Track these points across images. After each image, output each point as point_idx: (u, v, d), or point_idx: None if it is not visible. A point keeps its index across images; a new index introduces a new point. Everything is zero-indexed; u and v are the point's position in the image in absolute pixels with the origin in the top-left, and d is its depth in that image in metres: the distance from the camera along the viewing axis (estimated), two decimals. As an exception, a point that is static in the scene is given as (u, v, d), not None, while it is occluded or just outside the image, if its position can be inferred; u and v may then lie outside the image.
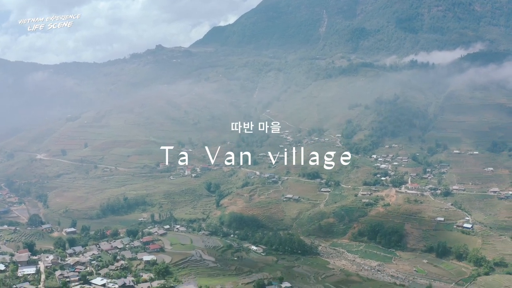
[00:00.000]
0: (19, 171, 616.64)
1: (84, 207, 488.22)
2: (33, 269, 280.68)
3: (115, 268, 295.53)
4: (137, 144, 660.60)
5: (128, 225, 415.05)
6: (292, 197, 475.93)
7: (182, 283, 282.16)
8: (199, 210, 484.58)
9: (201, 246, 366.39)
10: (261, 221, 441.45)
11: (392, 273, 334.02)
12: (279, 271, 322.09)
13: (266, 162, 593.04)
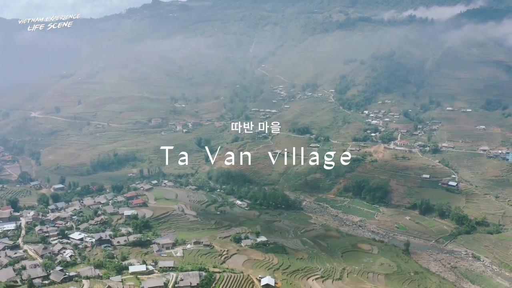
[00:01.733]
0: (14, 130, 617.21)
1: (75, 164, 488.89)
2: (13, 225, 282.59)
3: (94, 223, 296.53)
4: (130, 100, 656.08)
5: (117, 181, 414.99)
6: (280, 152, 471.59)
7: (160, 237, 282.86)
8: (189, 165, 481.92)
9: (185, 201, 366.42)
10: (248, 176, 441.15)
11: (373, 228, 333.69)
12: (259, 225, 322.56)
13: (258, 117, 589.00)
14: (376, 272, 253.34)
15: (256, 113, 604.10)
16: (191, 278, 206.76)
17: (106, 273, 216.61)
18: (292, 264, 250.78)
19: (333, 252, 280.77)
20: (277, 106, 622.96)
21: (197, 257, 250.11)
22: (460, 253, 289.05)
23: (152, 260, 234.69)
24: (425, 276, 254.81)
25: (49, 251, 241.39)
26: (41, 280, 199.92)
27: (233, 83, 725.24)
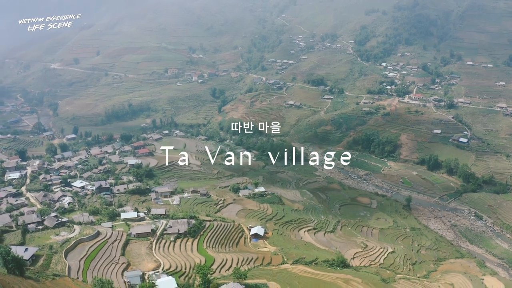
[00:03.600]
0: (34, 81, 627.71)
1: (91, 114, 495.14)
2: (17, 174, 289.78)
3: (98, 172, 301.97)
4: (148, 51, 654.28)
5: (130, 131, 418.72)
6: (293, 104, 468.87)
7: (161, 185, 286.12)
8: (201, 115, 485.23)
9: (193, 151, 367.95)
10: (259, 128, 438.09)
11: (377, 183, 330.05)
12: (261, 176, 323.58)
13: (274, 68, 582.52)
14: (371, 227, 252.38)
15: (272, 64, 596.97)
16: (179, 226, 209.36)
17: (99, 219, 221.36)
18: (286, 215, 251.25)
19: (331, 205, 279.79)
20: (294, 57, 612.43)
21: (193, 206, 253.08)
22: (463, 212, 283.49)
23: (146, 208, 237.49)
24: (421, 232, 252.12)
25: (49, 198, 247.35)
26: (36, 225, 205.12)
27: (252, 33, 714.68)
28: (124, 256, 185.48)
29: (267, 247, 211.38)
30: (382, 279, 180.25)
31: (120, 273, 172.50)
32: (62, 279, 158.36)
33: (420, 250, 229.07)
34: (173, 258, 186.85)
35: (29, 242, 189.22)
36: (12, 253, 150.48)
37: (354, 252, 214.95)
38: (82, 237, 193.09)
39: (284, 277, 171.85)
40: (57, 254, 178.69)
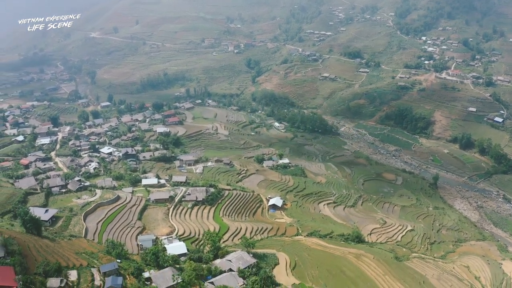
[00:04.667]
0: (74, 50, 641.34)
1: (127, 83, 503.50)
2: (48, 139, 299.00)
3: (126, 139, 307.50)
4: (186, 20, 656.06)
5: (164, 100, 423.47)
6: (328, 76, 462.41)
7: (186, 154, 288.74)
8: (235, 86, 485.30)
9: (223, 121, 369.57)
10: (292, 99, 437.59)
11: (406, 159, 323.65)
12: (288, 147, 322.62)
13: (311, 40, 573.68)
14: (393, 203, 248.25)
15: (310, 35, 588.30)
16: (197, 193, 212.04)
17: (121, 184, 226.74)
18: (308, 187, 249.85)
19: (355, 180, 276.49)
20: (333, 28, 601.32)
21: (215, 175, 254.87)
22: (491, 193, 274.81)
23: (168, 175, 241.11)
24: (445, 212, 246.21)
25: (75, 163, 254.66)
26: (59, 188, 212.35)
27: (291, 3, 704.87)
28: (140, 221, 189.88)
29: (284, 218, 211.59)
30: (395, 256, 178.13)
31: (135, 236, 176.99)
32: (78, 239, 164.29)
33: (441, 230, 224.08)
34: (188, 224, 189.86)
35: (52, 204, 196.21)
36: (30, 214, 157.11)
37: (372, 228, 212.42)
38: (102, 201, 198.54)
39: (294, 249, 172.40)
40: (76, 216, 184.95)
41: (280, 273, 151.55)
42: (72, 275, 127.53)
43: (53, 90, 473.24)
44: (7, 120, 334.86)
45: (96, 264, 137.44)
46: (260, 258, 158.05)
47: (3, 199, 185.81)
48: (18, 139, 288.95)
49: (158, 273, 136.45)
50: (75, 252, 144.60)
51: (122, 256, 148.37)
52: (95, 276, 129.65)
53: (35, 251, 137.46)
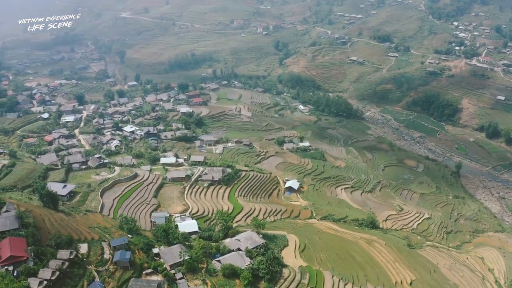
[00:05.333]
0: (104, 30, 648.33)
1: (155, 63, 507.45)
2: (72, 117, 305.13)
3: (150, 118, 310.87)
4: (215, 1, 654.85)
5: (190, 80, 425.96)
6: (356, 60, 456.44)
7: (207, 134, 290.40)
8: (262, 68, 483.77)
9: (247, 102, 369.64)
10: (318, 82, 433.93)
11: (430, 146, 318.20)
12: (310, 131, 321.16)
13: (341, 22, 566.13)
14: (412, 190, 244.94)
15: (340, 18, 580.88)
16: (214, 173, 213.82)
17: (141, 162, 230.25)
18: (326, 171, 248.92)
19: (375, 165, 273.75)
20: (363, 11, 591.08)
21: (234, 156, 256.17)
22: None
23: (187, 154, 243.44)
24: (464, 202, 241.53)
25: (98, 141, 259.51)
26: (79, 165, 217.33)
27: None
28: (156, 198, 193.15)
29: (299, 201, 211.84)
30: (408, 244, 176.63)
31: (149, 213, 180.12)
32: (93, 214, 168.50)
33: (459, 219, 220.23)
34: (202, 203, 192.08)
35: (71, 180, 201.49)
36: (47, 189, 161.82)
37: (388, 214, 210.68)
38: (120, 178, 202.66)
39: (306, 231, 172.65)
40: (94, 192, 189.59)
41: (288, 255, 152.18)
42: (82, 248, 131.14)
43: (82, 69, 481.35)
44: (34, 97, 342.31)
45: (108, 239, 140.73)
46: (269, 239, 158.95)
47: (24, 174, 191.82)
48: (43, 117, 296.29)
49: (166, 249, 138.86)
50: (88, 226, 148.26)
51: (134, 232, 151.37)
52: (105, 250, 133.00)
53: (50, 224, 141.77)
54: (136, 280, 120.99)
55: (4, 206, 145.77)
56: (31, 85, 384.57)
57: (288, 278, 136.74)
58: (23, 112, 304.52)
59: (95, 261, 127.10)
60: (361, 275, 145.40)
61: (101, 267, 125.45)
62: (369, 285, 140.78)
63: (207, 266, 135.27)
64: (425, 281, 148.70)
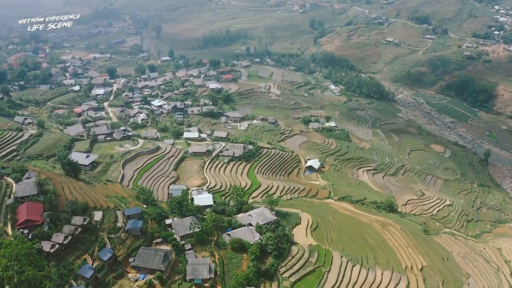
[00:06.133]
0: (141, 5, 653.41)
1: (189, 38, 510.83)
2: (102, 90, 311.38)
3: (178, 93, 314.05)
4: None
5: (223, 56, 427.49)
6: (392, 41, 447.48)
7: (235, 110, 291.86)
8: (296, 46, 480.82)
9: (277, 80, 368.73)
10: (351, 62, 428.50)
11: (461, 132, 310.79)
12: (339, 111, 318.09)
13: (380, 2, 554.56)
14: (436, 176, 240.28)
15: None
16: (235, 149, 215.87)
17: (164, 136, 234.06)
18: (350, 152, 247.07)
19: (401, 148, 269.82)
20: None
21: (259, 133, 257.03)
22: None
23: (210, 130, 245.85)
24: (489, 190, 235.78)
25: (125, 114, 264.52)
26: (104, 137, 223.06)
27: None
28: (175, 171, 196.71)
29: (318, 181, 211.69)
30: (424, 229, 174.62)
31: (167, 185, 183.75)
32: (112, 184, 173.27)
33: (481, 208, 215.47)
34: (220, 178, 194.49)
35: (96, 150, 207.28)
36: (68, 158, 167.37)
37: (408, 198, 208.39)
38: (142, 150, 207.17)
39: (320, 211, 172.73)
40: (116, 163, 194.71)
41: (299, 233, 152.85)
42: (97, 215, 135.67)
43: (118, 43, 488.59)
44: (67, 70, 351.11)
45: (123, 208, 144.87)
46: (282, 216, 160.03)
47: (50, 144, 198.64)
48: (74, 89, 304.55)
49: (178, 221, 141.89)
50: (105, 196, 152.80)
51: (149, 203, 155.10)
52: (118, 218, 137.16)
53: (68, 192, 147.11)
54: (145, 248, 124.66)
55: (26, 173, 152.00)
56: (67, 58, 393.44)
57: (296, 256, 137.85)
58: (55, 84, 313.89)
59: (108, 228, 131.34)
60: (371, 258, 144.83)
61: (113, 235, 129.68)
62: (377, 268, 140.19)
63: (217, 239, 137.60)
64: (436, 268, 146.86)
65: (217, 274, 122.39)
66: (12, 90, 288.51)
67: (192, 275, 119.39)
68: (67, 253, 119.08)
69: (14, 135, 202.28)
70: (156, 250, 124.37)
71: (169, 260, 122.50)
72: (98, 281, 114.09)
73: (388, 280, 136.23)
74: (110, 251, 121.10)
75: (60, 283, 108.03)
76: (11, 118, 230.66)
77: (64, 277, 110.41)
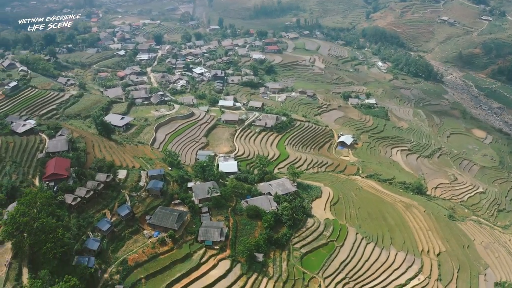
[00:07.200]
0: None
1: (241, 8, 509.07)
2: (147, 55, 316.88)
3: (221, 62, 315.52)
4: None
5: (272, 27, 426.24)
6: (447, 20, 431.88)
7: (276, 82, 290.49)
8: (348, 20, 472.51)
9: (323, 54, 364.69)
10: (402, 40, 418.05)
11: (507, 119, 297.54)
12: (382, 89, 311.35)
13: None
14: (473, 162, 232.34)
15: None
16: (268, 120, 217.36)
17: (201, 103, 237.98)
18: (386, 130, 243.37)
19: (441, 131, 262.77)
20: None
21: (295, 105, 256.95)
22: None
23: (246, 99, 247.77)
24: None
25: (166, 79, 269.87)
26: (142, 100, 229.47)
27: None
28: (206, 138, 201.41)
29: (349, 157, 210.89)
30: (450, 215, 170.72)
31: (196, 151, 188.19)
32: (143, 146, 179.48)
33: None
34: (249, 147, 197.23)
35: (132, 113, 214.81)
36: (102, 118, 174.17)
37: (439, 182, 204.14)
38: (176, 115, 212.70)
39: (344, 186, 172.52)
40: (149, 126, 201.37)
41: (318, 206, 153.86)
42: (121, 173, 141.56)
43: (170, 10, 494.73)
44: (115, 35, 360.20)
45: (148, 168, 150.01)
46: (303, 188, 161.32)
47: (88, 105, 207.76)
48: (120, 53, 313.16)
49: (199, 184, 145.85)
50: (133, 156, 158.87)
51: (174, 165, 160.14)
52: (141, 178, 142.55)
53: (98, 150, 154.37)
54: (162, 208, 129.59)
55: (60, 130, 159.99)
56: (118, 23, 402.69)
57: (311, 228, 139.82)
58: (102, 48, 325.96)
59: (130, 187, 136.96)
60: (387, 237, 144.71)
61: (134, 193, 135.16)
62: (392, 248, 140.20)
63: (235, 205, 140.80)
64: (454, 254, 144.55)
65: (229, 238, 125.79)
66: (60, 53, 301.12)
67: (203, 236, 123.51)
68: (88, 206, 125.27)
69: (55, 95, 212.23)
70: (172, 210, 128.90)
71: (183, 221, 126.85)
72: (114, 235, 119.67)
73: (401, 261, 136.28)
74: (128, 208, 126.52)
75: (77, 233, 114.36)
76: (54, 79, 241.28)
77: (82, 228, 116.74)
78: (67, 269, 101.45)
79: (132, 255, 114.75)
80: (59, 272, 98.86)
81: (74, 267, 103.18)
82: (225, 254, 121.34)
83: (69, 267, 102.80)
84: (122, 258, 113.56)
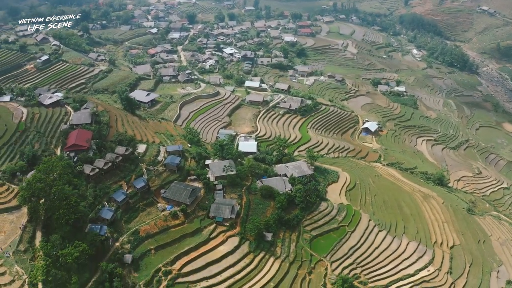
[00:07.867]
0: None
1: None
2: (178, 34, 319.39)
3: (252, 43, 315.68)
4: None
5: (308, 10, 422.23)
6: (487, 10, 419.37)
7: (305, 65, 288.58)
8: (386, 6, 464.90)
9: (357, 39, 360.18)
10: (440, 28, 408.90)
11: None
12: (414, 77, 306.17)
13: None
14: (500, 156, 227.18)
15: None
16: (292, 102, 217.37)
17: (227, 83, 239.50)
18: (413, 119, 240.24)
19: (470, 123, 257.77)
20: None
21: (323, 89, 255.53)
22: None
23: (273, 81, 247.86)
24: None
25: (196, 58, 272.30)
26: (169, 78, 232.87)
27: None
28: (229, 117, 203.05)
29: (372, 144, 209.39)
30: (469, 208, 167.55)
31: (218, 129, 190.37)
32: (166, 122, 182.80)
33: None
34: (271, 128, 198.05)
35: (159, 90, 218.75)
36: (126, 94, 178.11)
37: (462, 174, 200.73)
38: (202, 94, 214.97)
39: (362, 173, 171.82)
40: (174, 103, 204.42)
41: (334, 191, 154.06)
42: (140, 148, 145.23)
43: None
44: (149, 13, 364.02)
45: (168, 144, 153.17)
46: (320, 172, 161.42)
47: (116, 80, 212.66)
48: (152, 31, 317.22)
49: (216, 162, 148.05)
50: (155, 131, 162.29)
51: (194, 143, 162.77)
52: (160, 153, 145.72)
53: (121, 124, 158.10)
54: (177, 183, 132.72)
55: (85, 104, 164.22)
56: (153, 2, 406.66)
57: (323, 212, 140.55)
58: (135, 25, 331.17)
59: (148, 161, 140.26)
60: (401, 226, 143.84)
61: (152, 167, 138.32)
62: (404, 238, 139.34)
63: (251, 185, 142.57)
64: (468, 249, 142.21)
65: (240, 216, 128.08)
66: (93, 29, 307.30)
67: (214, 212, 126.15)
68: (106, 178, 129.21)
69: (85, 69, 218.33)
70: (186, 185, 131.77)
71: (196, 196, 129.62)
72: (129, 206, 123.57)
73: (412, 251, 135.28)
74: (144, 181, 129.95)
75: (93, 202, 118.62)
76: (86, 54, 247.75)
77: (97, 198, 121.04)
78: (79, 235, 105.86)
79: (144, 227, 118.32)
80: (71, 237, 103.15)
81: (86, 234, 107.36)
82: (235, 231, 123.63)
83: (82, 233, 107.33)
84: (134, 228, 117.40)
